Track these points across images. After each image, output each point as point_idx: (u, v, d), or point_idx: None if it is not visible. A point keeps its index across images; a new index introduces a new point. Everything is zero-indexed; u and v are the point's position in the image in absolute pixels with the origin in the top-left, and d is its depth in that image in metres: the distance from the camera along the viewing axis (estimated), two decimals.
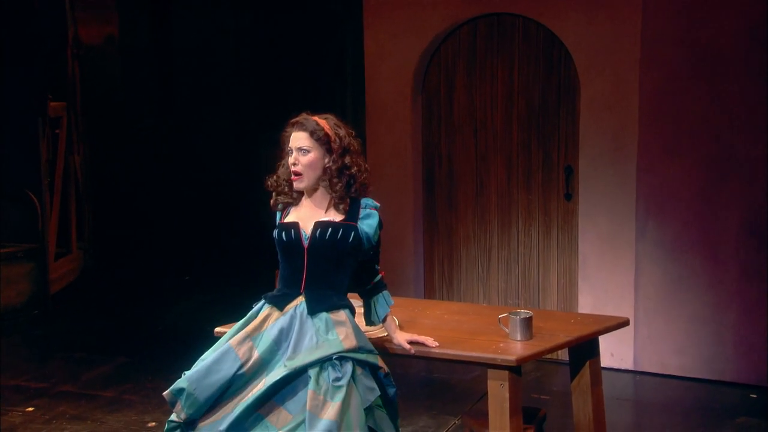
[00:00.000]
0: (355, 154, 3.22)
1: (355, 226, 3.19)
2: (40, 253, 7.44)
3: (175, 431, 3.10)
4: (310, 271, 3.16)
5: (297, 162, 3.17)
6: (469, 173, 6.10)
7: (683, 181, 5.47)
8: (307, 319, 3.13)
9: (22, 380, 5.69)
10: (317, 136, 3.16)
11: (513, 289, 6.01)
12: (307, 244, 3.15)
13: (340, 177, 3.16)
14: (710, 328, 5.46)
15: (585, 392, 3.76)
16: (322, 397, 2.97)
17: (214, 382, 3.07)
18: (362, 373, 3.11)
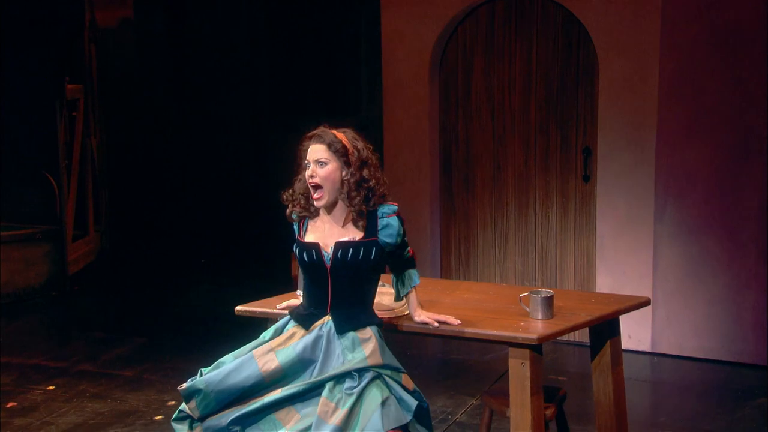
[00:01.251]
0: (373, 167, 3.17)
1: (375, 241, 3.14)
2: (59, 234, 7.47)
3: (184, 421, 3.09)
4: (335, 291, 3.13)
5: (315, 174, 3.10)
6: (486, 155, 6.07)
7: (702, 162, 5.42)
8: (334, 337, 3.11)
9: (43, 359, 5.72)
10: (335, 148, 3.11)
11: (530, 270, 5.99)
12: (329, 264, 3.12)
13: (359, 190, 3.10)
14: (729, 309, 5.43)
15: (605, 372, 3.74)
16: (333, 405, 2.98)
17: (231, 387, 3.05)
18: (396, 386, 3.10)
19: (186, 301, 7.17)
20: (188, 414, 3.08)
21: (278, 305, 3.58)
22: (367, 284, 3.17)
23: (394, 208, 3.19)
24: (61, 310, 7.05)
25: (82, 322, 6.69)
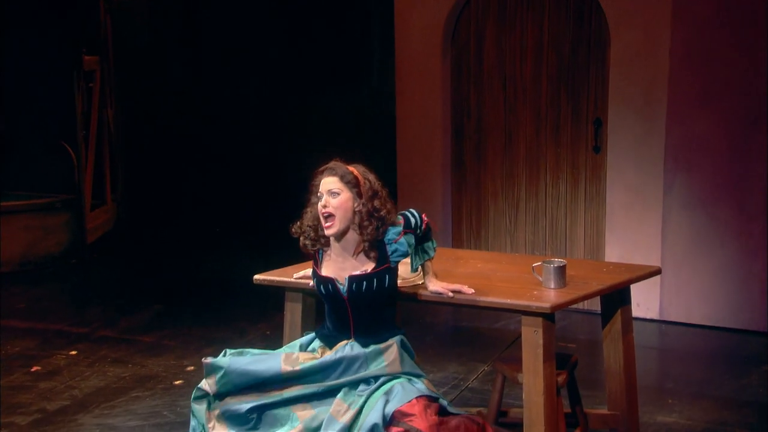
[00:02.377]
0: (384, 198, 3.19)
1: (387, 267, 3.18)
2: (77, 203, 7.51)
3: (203, 399, 3.11)
4: (356, 319, 3.19)
5: (327, 204, 3.13)
6: (497, 127, 6.04)
7: (712, 133, 5.39)
8: (357, 348, 3.16)
9: (65, 325, 5.77)
10: (347, 179, 3.14)
11: (540, 240, 5.99)
12: (346, 296, 3.16)
13: (370, 220, 3.13)
14: (736, 278, 5.43)
15: (616, 340, 3.75)
16: (345, 406, 3.03)
17: (250, 373, 3.09)
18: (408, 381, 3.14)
19: (201, 268, 7.21)
20: (206, 393, 3.12)
21: (295, 274, 3.60)
22: (387, 307, 3.22)
23: (398, 229, 3.20)
24: (81, 277, 7.10)
25: (100, 289, 6.73)
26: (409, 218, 3.25)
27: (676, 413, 4.30)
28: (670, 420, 4.23)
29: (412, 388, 3.08)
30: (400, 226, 3.20)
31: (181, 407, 4.38)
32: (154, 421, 4.27)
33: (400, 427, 2.94)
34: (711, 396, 4.52)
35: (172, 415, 4.33)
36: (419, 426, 2.93)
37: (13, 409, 4.44)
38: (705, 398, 4.49)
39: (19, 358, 5.17)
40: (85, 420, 4.30)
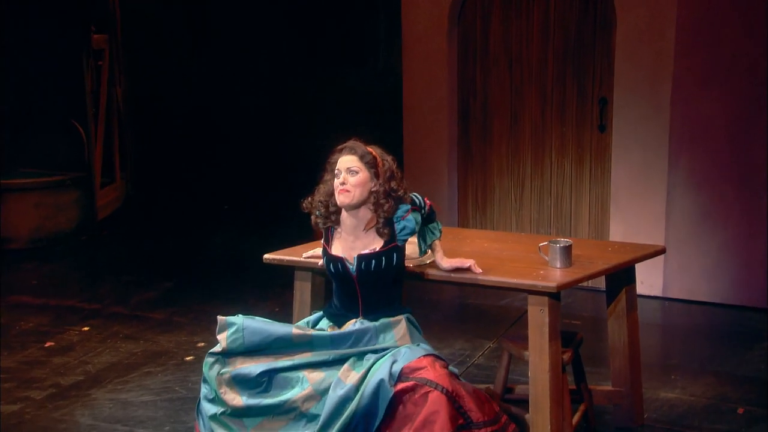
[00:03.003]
0: (400, 180, 3.23)
1: (395, 246, 3.21)
2: (87, 181, 7.53)
3: (214, 365, 3.15)
4: (364, 298, 3.23)
5: (346, 181, 3.16)
6: (503, 106, 6.03)
7: (717, 112, 5.38)
8: (366, 322, 3.20)
9: (77, 301, 5.81)
10: (366, 159, 3.18)
11: (545, 218, 6.00)
12: (355, 275, 3.20)
13: (387, 199, 3.17)
14: (739, 255, 5.45)
15: (621, 318, 3.78)
16: (354, 371, 3.07)
17: (263, 331, 3.14)
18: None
19: (210, 246, 7.22)
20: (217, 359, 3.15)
21: (304, 254, 3.62)
22: (394, 285, 3.26)
23: (406, 207, 3.23)
24: (92, 254, 7.13)
25: (111, 265, 6.76)
26: (414, 199, 3.29)
27: (679, 389, 4.33)
28: (672, 396, 4.25)
29: (418, 349, 3.12)
30: (408, 205, 3.23)
31: (193, 383, 4.42)
32: (167, 396, 4.31)
33: (410, 381, 2.98)
34: (713, 372, 4.54)
35: (184, 391, 4.37)
36: (429, 376, 2.97)
37: (29, 384, 4.48)
38: (707, 374, 4.51)
39: (33, 333, 5.21)
40: (98, 395, 4.34)
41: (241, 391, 3.08)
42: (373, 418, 2.96)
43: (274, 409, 3.05)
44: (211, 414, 3.12)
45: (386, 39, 8.18)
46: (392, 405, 2.97)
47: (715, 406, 4.14)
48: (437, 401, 2.93)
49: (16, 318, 5.48)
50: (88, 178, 7.52)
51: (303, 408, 3.02)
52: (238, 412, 3.08)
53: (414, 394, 2.96)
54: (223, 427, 3.10)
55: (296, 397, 3.03)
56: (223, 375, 3.11)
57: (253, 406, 3.05)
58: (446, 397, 2.94)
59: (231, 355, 3.14)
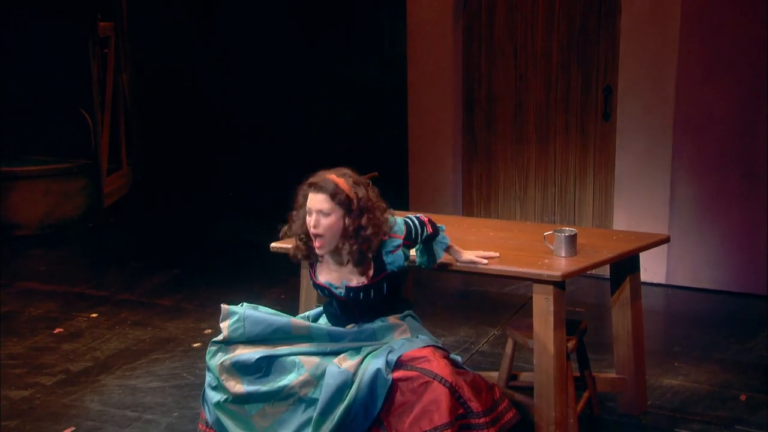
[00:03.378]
0: (372, 210, 3.09)
1: (384, 276, 3.16)
2: (94, 168, 7.53)
3: (216, 354, 3.18)
4: (360, 313, 3.22)
5: (318, 224, 3.07)
6: (508, 94, 6.02)
7: (721, 101, 5.37)
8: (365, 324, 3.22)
9: (85, 288, 5.82)
10: (339, 199, 3.05)
11: (549, 206, 6.00)
12: (344, 298, 3.18)
13: (356, 238, 3.06)
14: (742, 243, 5.45)
15: (625, 306, 3.79)
16: (349, 360, 3.09)
17: (263, 321, 3.16)
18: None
19: (215, 232, 7.24)
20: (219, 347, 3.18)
21: None
22: (390, 295, 3.21)
23: (398, 242, 3.14)
24: (99, 240, 7.15)
25: (118, 252, 6.77)
26: (411, 229, 3.19)
27: (682, 376, 4.34)
28: (675, 383, 4.27)
29: (417, 341, 3.13)
30: (399, 240, 3.15)
31: (200, 369, 4.44)
32: (175, 382, 4.34)
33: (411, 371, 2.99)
34: (716, 359, 4.55)
35: (192, 377, 4.39)
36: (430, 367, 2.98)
37: (39, 370, 4.51)
38: (710, 361, 4.52)
39: (42, 320, 5.23)
40: (107, 381, 4.37)
41: (241, 377, 3.11)
42: (372, 406, 2.98)
43: (273, 396, 3.08)
44: (215, 401, 3.15)
45: (391, 27, 8.15)
46: (391, 393, 2.99)
47: (717, 393, 4.15)
48: (437, 390, 2.95)
49: (26, 304, 5.50)
50: (95, 166, 7.53)
51: (301, 393, 3.05)
52: (240, 398, 3.10)
53: (413, 383, 2.98)
54: (227, 414, 3.13)
55: (293, 383, 3.06)
56: (224, 362, 3.14)
57: (253, 392, 3.08)
58: (447, 388, 2.95)
59: (232, 343, 3.17)
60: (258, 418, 3.08)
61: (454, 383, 2.98)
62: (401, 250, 3.17)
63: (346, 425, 2.95)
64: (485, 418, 3.03)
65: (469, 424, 3.01)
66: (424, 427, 2.94)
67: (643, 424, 3.81)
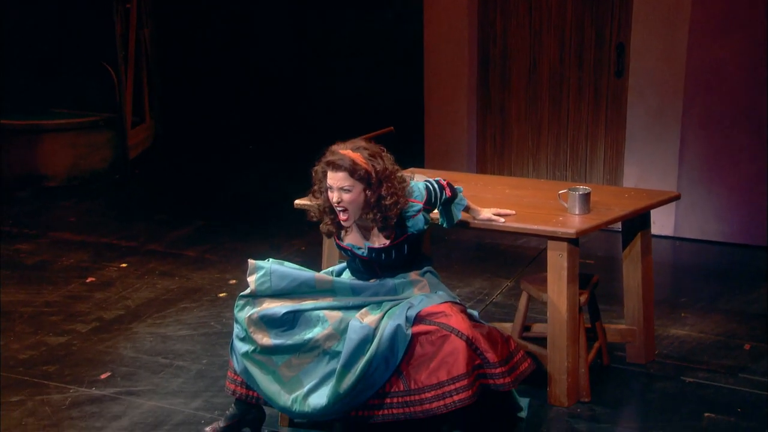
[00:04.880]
0: (390, 179, 3.11)
1: (406, 237, 3.19)
2: (119, 121, 7.55)
3: (245, 307, 3.23)
4: (382, 271, 3.25)
5: (341, 200, 3.10)
6: (522, 51, 5.97)
7: (732, 56, 5.31)
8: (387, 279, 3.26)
9: (114, 239, 5.88)
10: (358, 175, 3.07)
11: (561, 162, 6.00)
12: (368, 258, 3.22)
13: (379, 207, 3.10)
14: (749, 196, 5.45)
15: (635, 260, 3.82)
16: (371, 314, 3.13)
17: (289, 276, 3.21)
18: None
19: (237, 185, 7.26)
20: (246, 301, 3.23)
21: None
22: (409, 256, 3.23)
23: (417, 207, 3.18)
24: (125, 192, 7.19)
25: (144, 204, 6.81)
26: (431, 194, 3.23)
27: (689, 326, 4.39)
28: (682, 333, 4.32)
29: (435, 297, 3.19)
30: (419, 205, 3.20)
31: (226, 318, 4.52)
32: (203, 330, 4.42)
33: (430, 325, 3.05)
34: (721, 309, 4.59)
35: (219, 326, 4.47)
36: (448, 322, 3.04)
37: (74, 318, 4.60)
38: (716, 312, 4.57)
39: (75, 269, 5.31)
40: (139, 329, 4.45)
41: (269, 330, 3.17)
42: (393, 359, 3.05)
43: (299, 348, 3.14)
44: (243, 352, 3.22)
45: None
46: (411, 346, 3.05)
47: (722, 342, 4.20)
48: (455, 343, 3.00)
49: (58, 254, 5.58)
50: (119, 119, 7.54)
51: (325, 346, 3.11)
52: (267, 350, 3.17)
53: (432, 336, 3.03)
54: (254, 364, 3.20)
55: (318, 337, 3.12)
56: (252, 316, 3.19)
57: (280, 345, 3.15)
58: (464, 341, 3.01)
59: (259, 296, 3.22)
60: (284, 369, 3.15)
61: (471, 336, 3.04)
62: (422, 214, 3.21)
63: (367, 376, 3.02)
64: (501, 368, 3.09)
65: (486, 374, 3.08)
66: (442, 377, 3.00)
67: (651, 373, 3.87)
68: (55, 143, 7.23)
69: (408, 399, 3.04)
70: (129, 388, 3.83)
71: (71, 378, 3.93)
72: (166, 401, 3.71)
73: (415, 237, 3.23)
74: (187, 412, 3.61)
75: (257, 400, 3.28)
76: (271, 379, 3.16)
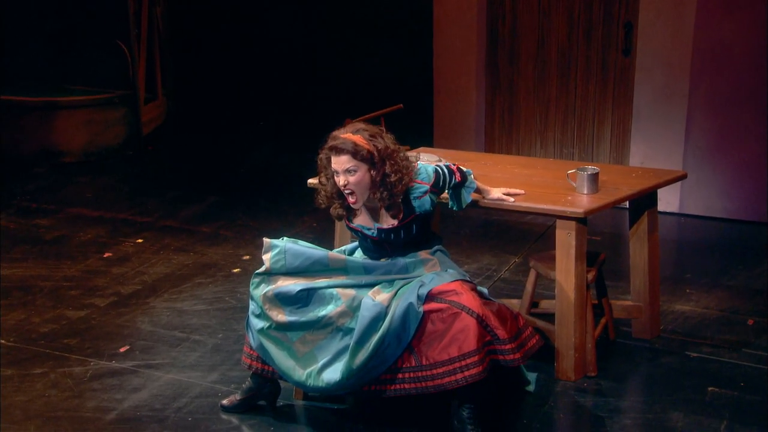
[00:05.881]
0: (393, 156, 3.12)
1: (414, 217, 3.21)
2: (133, 98, 7.55)
3: (260, 285, 3.26)
4: (393, 250, 3.27)
5: (347, 182, 3.11)
6: (531, 29, 5.93)
7: (739, 36, 5.27)
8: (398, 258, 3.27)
9: (129, 214, 5.91)
10: (361, 156, 3.08)
11: (569, 139, 5.98)
12: (378, 238, 3.23)
13: (384, 185, 3.12)
14: (754, 174, 5.44)
15: (642, 238, 3.83)
16: (383, 292, 3.16)
17: (303, 254, 3.24)
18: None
19: (248, 162, 7.25)
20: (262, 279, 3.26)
21: None
22: (418, 235, 3.25)
23: (424, 188, 3.19)
24: (139, 168, 7.20)
25: (157, 180, 6.82)
26: (440, 177, 3.24)
27: (693, 302, 4.41)
28: (687, 308, 4.34)
29: (446, 275, 3.20)
30: (426, 186, 3.20)
31: (241, 293, 4.56)
32: (218, 305, 4.46)
33: (441, 303, 3.07)
34: (725, 285, 4.60)
35: (233, 301, 4.51)
36: (459, 300, 3.07)
37: (92, 292, 4.64)
38: (720, 288, 4.58)
39: (92, 244, 5.34)
40: (156, 303, 4.49)
41: (283, 307, 3.20)
42: (405, 336, 3.07)
43: (313, 324, 3.18)
44: (259, 328, 3.25)
45: None
46: (422, 322, 3.08)
47: (726, 318, 4.22)
48: (465, 320, 3.03)
49: (76, 229, 5.61)
50: (133, 96, 7.55)
51: (338, 323, 3.15)
52: (282, 326, 3.20)
53: (443, 314, 3.06)
54: (270, 340, 3.24)
55: (332, 314, 3.15)
56: (267, 293, 3.22)
57: (295, 321, 3.18)
58: (474, 318, 3.04)
59: (274, 274, 3.25)
60: (299, 344, 3.18)
61: (481, 314, 3.06)
62: (428, 196, 3.22)
63: (380, 353, 3.05)
64: (511, 344, 3.12)
65: (495, 350, 3.11)
66: (453, 353, 3.03)
67: (656, 348, 3.89)
68: (71, 120, 7.24)
69: (420, 374, 3.07)
70: (147, 361, 3.88)
71: (92, 351, 3.98)
72: (184, 374, 3.75)
73: (423, 217, 3.24)
74: (204, 385, 3.66)
75: (272, 375, 3.32)
76: (286, 355, 3.20)
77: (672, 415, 3.36)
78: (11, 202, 6.15)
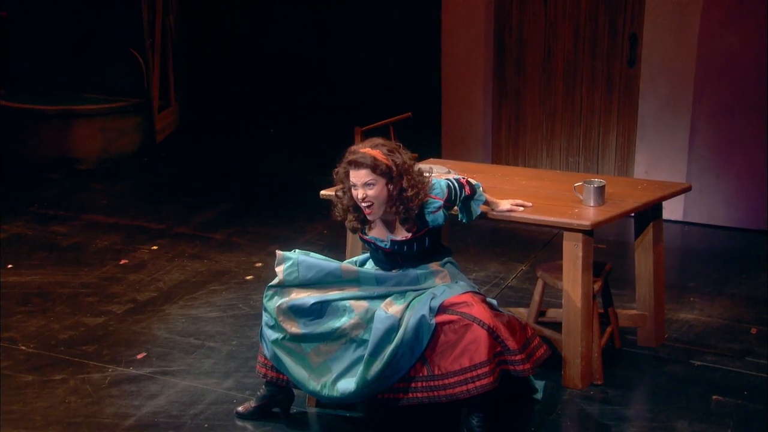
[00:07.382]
0: (410, 172, 3.16)
1: (427, 231, 3.23)
2: (147, 106, 7.60)
3: (273, 297, 3.28)
4: (404, 262, 3.29)
5: (366, 195, 3.14)
6: (537, 40, 5.96)
7: (743, 47, 5.29)
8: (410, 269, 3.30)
9: (144, 221, 5.93)
10: (380, 170, 3.12)
11: (574, 148, 6.00)
12: (391, 250, 3.25)
13: (400, 200, 3.15)
14: (757, 182, 5.45)
15: (647, 249, 3.85)
16: (396, 304, 3.19)
17: (315, 266, 3.26)
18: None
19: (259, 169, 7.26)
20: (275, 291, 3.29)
21: None
22: (430, 248, 3.28)
23: (438, 203, 3.22)
24: (153, 175, 7.22)
25: (171, 187, 6.82)
26: (452, 192, 3.27)
27: (697, 310, 4.42)
28: (691, 317, 4.35)
29: (457, 287, 3.23)
30: (440, 202, 3.23)
31: (254, 300, 4.59)
32: (232, 312, 4.49)
33: (453, 314, 3.10)
34: (729, 294, 4.62)
35: (247, 308, 4.54)
36: (470, 311, 3.09)
37: (109, 299, 4.68)
38: (723, 296, 4.59)
39: (108, 251, 5.38)
40: (171, 310, 4.53)
41: (297, 319, 3.23)
42: (418, 347, 3.11)
43: (327, 336, 3.21)
44: (273, 339, 3.28)
45: None
46: (435, 334, 3.11)
47: (730, 327, 4.23)
48: (477, 332, 3.06)
49: (93, 236, 5.65)
50: (147, 104, 7.59)
51: (352, 335, 3.18)
52: (297, 338, 3.24)
53: (455, 325, 3.09)
54: (284, 350, 3.27)
55: (345, 326, 3.18)
56: (281, 305, 3.25)
57: (308, 333, 3.21)
58: (485, 330, 3.06)
59: (287, 286, 3.28)
60: (313, 355, 3.21)
61: (492, 325, 3.09)
62: (442, 211, 3.26)
63: (393, 363, 3.09)
64: (521, 355, 3.15)
65: (506, 360, 3.14)
66: (465, 364, 3.06)
67: (661, 356, 3.91)
68: (86, 128, 7.29)
69: (432, 384, 3.10)
70: (164, 367, 3.92)
71: (109, 357, 4.02)
72: (200, 381, 3.79)
73: (435, 230, 3.28)
74: (219, 391, 3.70)
75: (287, 383, 3.35)
76: (300, 365, 3.23)
77: (677, 423, 3.38)
78: (29, 209, 6.19)
